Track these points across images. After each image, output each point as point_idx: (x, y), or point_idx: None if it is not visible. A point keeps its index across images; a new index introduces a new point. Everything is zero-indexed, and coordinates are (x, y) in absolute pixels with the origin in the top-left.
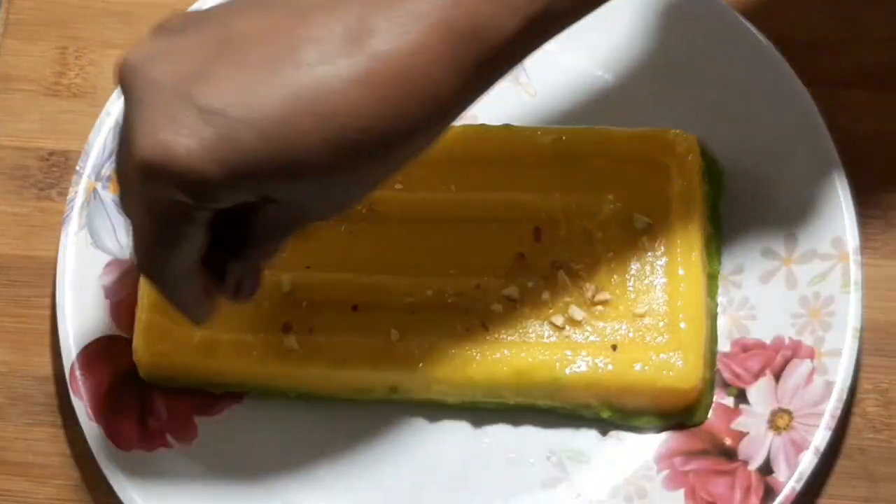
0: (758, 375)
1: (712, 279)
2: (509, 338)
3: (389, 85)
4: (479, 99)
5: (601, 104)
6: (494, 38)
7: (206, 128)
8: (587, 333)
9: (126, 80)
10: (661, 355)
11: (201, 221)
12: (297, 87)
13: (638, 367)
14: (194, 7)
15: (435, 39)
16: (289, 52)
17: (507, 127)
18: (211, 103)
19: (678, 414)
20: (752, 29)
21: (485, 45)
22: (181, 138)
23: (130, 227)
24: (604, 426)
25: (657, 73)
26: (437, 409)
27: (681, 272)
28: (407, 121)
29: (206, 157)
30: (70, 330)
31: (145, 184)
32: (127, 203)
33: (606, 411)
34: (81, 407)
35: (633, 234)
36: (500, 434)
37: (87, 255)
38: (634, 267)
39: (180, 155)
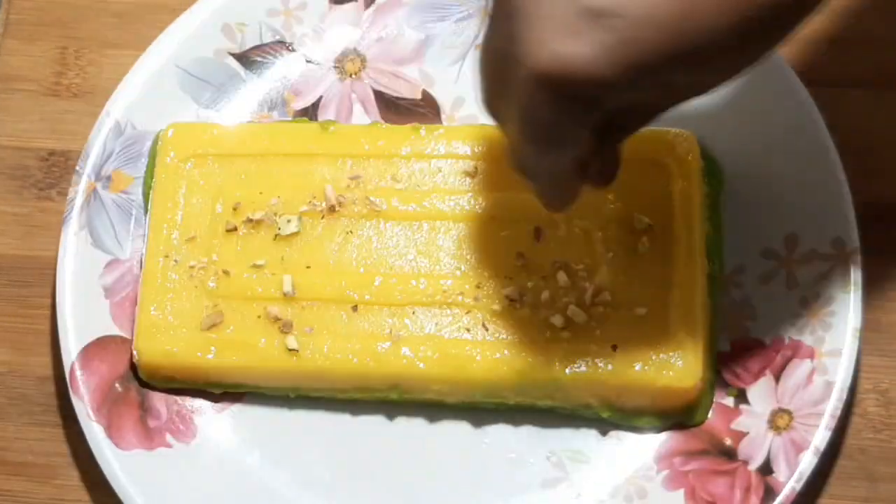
0: (758, 375)
1: (712, 279)
2: (509, 338)
3: None
4: None
5: None
6: None
7: (602, 32)
8: (587, 333)
9: None
10: (661, 355)
11: (590, 124)
12: None
13: (638, 367)
14: (195, 8)
15: None
16: None
17: None
18: (603, 6)
19: (678, 414)
20: None
21: None
22: (578, 47)
23: (503, 127)
24: (604, 426)
25: None
26: (437, 409)
27: (681, 272)
28: None
29: (605, 63)
30: (70, 330)
31: (535, 93)
32: (497, 104)
33: (606, 411)
34: (81, 407)
35: (633, 234)
36: (500, 434)
37: (87, 255)
38: (634, 267)
39: (579, 65)
